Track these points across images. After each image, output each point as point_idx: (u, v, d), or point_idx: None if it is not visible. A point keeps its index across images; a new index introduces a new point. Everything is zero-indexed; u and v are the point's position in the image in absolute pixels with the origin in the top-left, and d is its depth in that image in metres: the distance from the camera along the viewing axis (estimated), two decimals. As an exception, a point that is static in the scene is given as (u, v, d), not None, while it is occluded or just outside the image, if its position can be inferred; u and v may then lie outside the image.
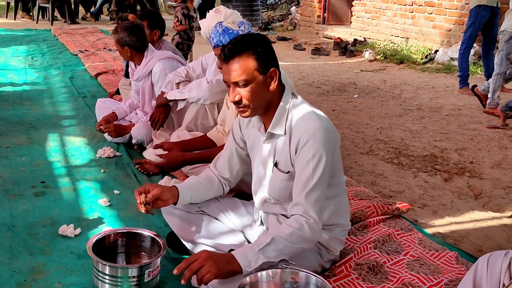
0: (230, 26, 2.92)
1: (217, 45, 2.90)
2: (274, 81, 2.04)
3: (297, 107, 2.12)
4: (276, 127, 2.12)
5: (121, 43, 3.86)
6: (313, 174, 2.02)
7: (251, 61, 1.97)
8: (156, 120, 3.66)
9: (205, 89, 3.45)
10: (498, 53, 5.48)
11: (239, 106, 2.05)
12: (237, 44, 1.98)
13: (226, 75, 2.02)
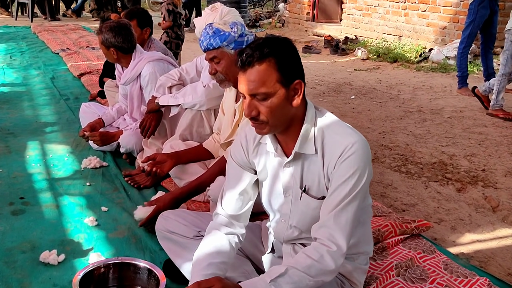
0: (221, 28, 2.62)
1: (207, 48, 2.61)
2: (298, 95, 1.74)
3: (326, 121, 1.83)
4: (304, 146, 1.81)
5: (106, 44, 3.54)
6: (350, 192, 1.74)
7: (273, 70, 1.67)
8: (147, 127, 3.35)
9: (201, 93, 3.16)
10: (503, 53, 5.25)
11: (256, 122, 1.76)
12: (257, 50, 1.67)
13: (242, 86, 1.71)
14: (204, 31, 2.64)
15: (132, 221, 2.76)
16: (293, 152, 1.82)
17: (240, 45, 2.60)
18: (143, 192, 3.19)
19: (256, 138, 1.95)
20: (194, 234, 2.22)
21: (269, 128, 1.76)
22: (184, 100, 3.21)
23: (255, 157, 1.97)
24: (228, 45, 2.59)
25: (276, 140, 1.88)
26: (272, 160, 1.94)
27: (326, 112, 1.87)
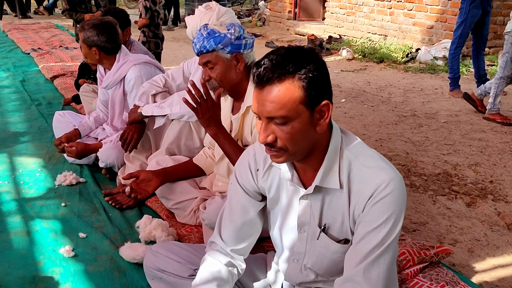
0: (217, 29, 2.32)
1: (201, 51, 2.31)
2: (325, 118, 1.44)
3: (354, 150, 1.53)
4: (327, 179, 1.52)
5: (88, 43, 3.19)
6: (382, 242, 1.44)
7: (296, 90, 1.36)
8: (128, 140, 3.01)
9: (191, 103, 2.82)
10: (503, 55, 5.03)
11: (272, 149, 1.45)
12: (279, 64, 1.37)
13: (257, 106, 1.41)
14: (198, 33, 2.33)
15: (114, 251, 2.43)
16: (313, 185, 1.53)
17: (237, 48, 2.32)
18: (126, 213, 2.86)
19: (267, 159, 1.66)
20: (189, 273, 1.91)
21: (287, 156, 1.46)
22: (171, 110, 2.88)
23: (266, 181, 1.68)
24: (223, 48, 2.29)
25: (292, 166, 1.59)
26: (286, 187, 1.65)
27: (355, 139, 1.57)
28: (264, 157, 1.66)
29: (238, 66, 2.36)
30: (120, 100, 3.35)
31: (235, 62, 2.35)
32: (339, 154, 1.51)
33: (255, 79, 1.40)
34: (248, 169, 1.70)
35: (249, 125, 2.42)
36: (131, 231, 2.66)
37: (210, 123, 2.27)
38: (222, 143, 2.32)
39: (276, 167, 1.64)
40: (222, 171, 2.58)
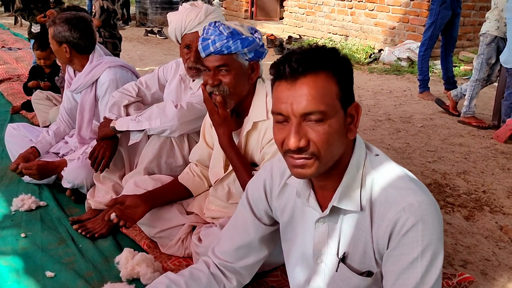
0: (240, 30, 2.02)
1: (220, 52, 1.98)
2: (354, 122, 1.30)
3: (379, 167, 1.32)
4: (345, 199, 1.32)
5: (58, 39, 2.82)
6: (423, 281, 1.21)
7: (333, 83, 1.24)
8: (100, 158, 2.62)
9: (173, 116, 2.49)
10: (478, 57, 4.93)
11: (301, 156, 1.24)
12: (311, 56, 1.24)
13: (289, 103, 1.23)
14: (213, 29, 2.00)
15: (91, 293, 2.07)
16: (330, 206, 1.34)
17: (258, 56, 2.06)
18: (100, 244, 2.48)
19: (284, 176, 1.49)
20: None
21: (318, 165, 1.26)
22: (150, 124, 2.52)
23: (280, 201, 1.51)
24: (246, 53, 2.01)
25: (309, 184, 1.40)
26: (301, 210, 1.45)
27: (381, 154, 1.38)
28: (281, 173, 1.49)
29: (252, 76, 2.09)
30: (91, 106, 2.97)
31: (250, 71, 2.07)
32: (361, 170, 1.32)
33: (286, 72, 1.23)
34: (262, 185, 1.54)
35: (257, 143, 2.12)
36: (107, 265, 2.30)
37: (225, 127, 2.10)
38: (235, 155, 2.11)
39: (292, 186, 1.45)
40: (221, 194, 2.26)
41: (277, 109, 1.25)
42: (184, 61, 2.63)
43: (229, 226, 1.64)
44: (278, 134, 1.27)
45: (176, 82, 2.85)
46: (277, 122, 1.28)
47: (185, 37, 2.59)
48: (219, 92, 2.05)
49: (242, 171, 2.09)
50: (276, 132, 1.28)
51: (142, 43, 9.50)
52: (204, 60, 2.06)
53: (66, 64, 3.04)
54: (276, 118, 1.28)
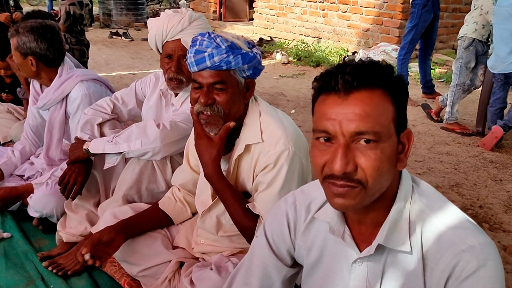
0: (239, 44, 1.78)
1: (218, 67, 1.74)
2: (405, 152, 1.14)
3: (430, 203, 1.18)
4: (392, 237, 1.15)
5: (23, 50, 2.52)
6: None
7: (389, 105, 1.08)
8: (70, 185, 2.32)
9: (155, 137, 2.22)
10: (456, 61, 4.82)
11: (346, 183, 1.07)
12: (366, 71, 1.07)
13: (338, 119, 1.06)
14: (210, 41, 1.75)
15: None
16: (375, 244, 1.15)
17: (256, 73, 1.85)
18: (74, 283, 2.20)
19: (310, 209, 1.31)
20: None
21: (364, 196, 1.08)
22: (130, 146, 2.24)
23: (306, 238, 1.32)
24: (244, 70, 1.79)
25: (343, 218, 1.22)
26: (332, 249, 1.27)
27: (429, 188, 1.22)
28: (307, 206, 1.32)
29: (247, 95, 1.86)
30: (60, 124, 2.68)
31: (245, 89, 1.84)
32: (409, 205, 1.17)
33: (338, 84, 1.05)
34: (284, 221, 1.34)
35: (249, 168, 1.88)
36: (84, 311, 2.02)
37: (215, 155, 1.85)
38: (222, 189, 1.85)
39: (323, 220, 1.27)
40: (209, 225, 2.01)
41: (322, 126, 1.07)
42: (165, 71, 2.39)
43: (243, 270, 1.41)
44: (319, 156, 1.09)
45: (155, 98, 2.58)
46: (319, 142, 1.10)
47: (166, 45, 2.35)
48: (212, 112, 1.81)
49: (234, 205, 1.84)
50: (317, 154, 1.10)
51: (108, 46, 9.11)
52: (195, 75, 1.80)
53: (30, 78, 2.73)
54: (318, 137, 1.10)
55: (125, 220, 2.07)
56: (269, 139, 1.82)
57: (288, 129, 1.86)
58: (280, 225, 1.34)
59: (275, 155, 1.78)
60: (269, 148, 1.80)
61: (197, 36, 1.85)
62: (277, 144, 1.80)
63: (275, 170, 1.79)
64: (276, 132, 1.83)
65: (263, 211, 1.79)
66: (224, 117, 1.81)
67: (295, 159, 1.80)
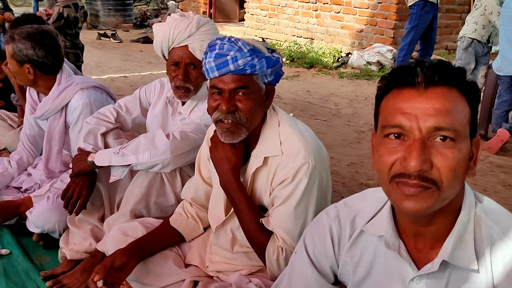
0: (259, 47, 1.69)
1: (242, 71, 1.64)
2: (474, 159, 1.07)
3: (495, 216, 1.11)
4: (457, 253, 1.07)
5: (19, 58, 2.39)
6: None
7: (466, 105, 1.03)
8: (75, 199, 2.19)
9: (165, 149, 2.10)
10: (455, 62, 4.77)
11: (419, 183, 0.99)
12: (445, 69, 1.02)
13: (413, 112, 1.00)
14: (231, 44, 1.65)
15: None
16: (439, 260, 1.06)
17: (277, 80, 1.76)
18: (80, 305, 2.06)
19: (355, 223, 1.24)
20: None
21: (436, 198, 1.00)
22: (138, 158, 2.12)
23: (352, 254, 1.24)
24: (267, 76, 1.70)
25: (397, 232, 1.14)
26: (384, 265, 1.18)
27: (491, 202, 1.15)
28: (352, 219, 1.24)
29: (267, 102, 1.76)
30: (60, 134, 2.54)
31: (265, 97, 1.74)
32: (473, 220, 1.09)
33: (417, 78, 1.00)
34: (328, 235, 1.26)
35: (266, 182, 1.77)
36: (93, 336, 1.89)
37: (234, 164, 1.77)
38: (239, 199, 1.75)
39: (373, 234, 1.19)
40: (224, 241, 1.89)
41: (396, 121, 1.01)
42: (171, 79, 2.27)
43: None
44: (387, 154, 1.02)
45: (161, 105, 2.46)
46: (388, 139, 1.03)
47: (173, 52, 2.24)
48: (234, 120, 1.70)
49: (249, 217, 1.74)
50: (385, 152, 1.02)
51: (97, 48, 8.94)
52: (215, 81, 1.69)
53: (28, 86, 2.59)
54: (387, 133, 1.03)
55: (137, 242, 1.94)
56: (288, 151, 1.72)
57: (308, 141, 1.76)
58: (322, 240, 1.26)
59: (294, 169, 1.68)
60: (288, 162, 1.70)
61: (214, 40, 1.75)
62: (297, 158, 1.69)
63: (293, 185, 1.69)
64: (296, 145, 1.73)
65: (277, 227, 1.69)
66: (247, 125, 1.71)
67: (315, 174, 1.70)
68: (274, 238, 1.69)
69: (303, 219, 1.70)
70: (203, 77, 2.32)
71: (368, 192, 1.28)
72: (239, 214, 1.77)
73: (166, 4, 13.29)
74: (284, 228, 1.68)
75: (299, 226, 1.69)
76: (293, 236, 1.68)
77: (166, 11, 12.82)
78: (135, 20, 11.95)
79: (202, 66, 1.78)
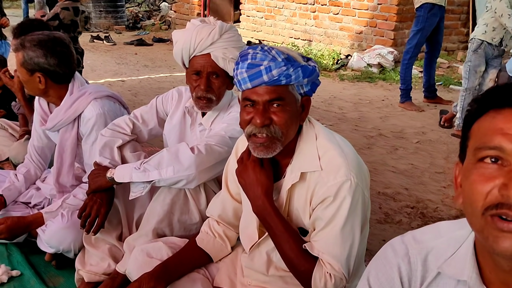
0: (294, 56, 1.58)
1: (277, 81, 1.53)
2: None
3: None
4: None
5: (29, 66, 2.25)
6: None
7: None
8: (93, 217, 2.06)
9: (190, 164, 1.97)
10: (465, 64, 4.68)
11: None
12: None
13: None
14: (264, 53, 1.54)
15: None
16: None
17: (313, 91, 1.65)
18: (102, 333, 1.93)
19: (428, 262, 1.08)
20: None
21: None
22: (161, 174, 1.98)
23: None
24: (303, 86, 1.60)
25: (481, 279, 0.98)
26: None
27: None
28: (423, 259, 1.08)
29: (303, 115, 1.64)
30: (73, 147, 2.40)
31: (300, 109, 1.62)
32: None
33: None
34: (396, 275, 1.10)
35: (304, 201, 1.64)
36: None
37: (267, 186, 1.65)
38: (275, 224, 1.61)
39: (452, 277, 1.03)
40: (259, 263, 1.77)
41: (494, 141, 0.88)
42: (192, 89, 2.15)
43: None
44: (482, 181, 0.88)
45: (179, 116, 2.33)
46: (484, 164, 0.89)
47: (194, 60, 2.12)
48: (269, 134, 1.58)
49: (289, 243, 1.61)
50: (479, 179, 0.88)
51: (90, 51, 8.75)
52: (247, 92, 1.58)
53: (38, 96, 2.44)
54: (483, 157, 0.90)
55: (163, 265, 1.82)
56: (328, 167, 1.60)
57: (349, 156, 1.65)
58: (390, 281, 1.10)
59: (336, 186, 1.56)
60: (328, 178, 1.58)
61: (246, 49, 1.64)
62: (337, 174, 1.57)
63: (336, 205, 1.56)
64: (336, 160, 1.61)
65: (323, 252, 1.56)
66: (282, 139, 1.59)
67: (358, 191, 1.58)
68: (320, 264, 1.56)
69: (350, 241, 1.58)
70: (225, 87, 2.20)
71: (442, 227, 1.13)
72: (277, 240, 1.64)
73: (158, 5, 13.12)
74: (330, 253, 1.56)
75: (347, 249, 1.57)
76: (341, 261, 1.56)
77: (158, 12, 12.66)
78: (127, 22, 11.76)
79: (234, 77, 1.67)
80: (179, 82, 6.72)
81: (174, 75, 7.09)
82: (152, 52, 8.97)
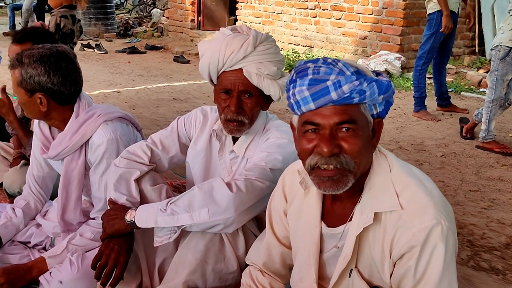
0: (364, 69, 1.30)
1: (348, 100, 1.24)
2: None
3: None
4: None
5: (29, 86, 1.91)
6: None
7: None
8: (110, 267, 1.71)
9: (228, 204, 1.63)
10: (491, 74, 4.37)
11: None
12: None
13: None
14: (328, 66, 1.26)
15: None
16: None
17: (387, 110, 1.35)
18: None
19: None
20: None
21: None
22: (193, 218, 1.64)
23: None
24: (376, 106, 1.31)
25: None
26: None
27: None
28: None
29: (374, 141, 1.34)
30: (80, 178, 2.05)
31: (371, 133, 1.32)
32: None
33: None
34: None
35: (381, 248, 1.32)
36: None
37: None
38: None
39: None
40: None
41: None
42: (221, 110, 1.83)
43: None
44: None
45: (205, 140, 2.00)
46: None
47: (223, 76, 1.80)
48: (338, 166, 1.26)
49: None
50: None
51: (81, 60, 8.33)
52: (309, 114, 1.28)
53: (38, 119, 2.08)
54: None
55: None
56: (411, 207, 1.29)
57: (434, 194, 1.33)
58: None
59: (424, 232, 1.24)
60: (413, 221, 1.26)
61: (304, 63, 1.32)
62: (424, 216, 1.26)
63: (427, 255, 1.25)
64: (420, 198, 1.29)
65: None
66: (354, 170, 1.28)
67: (450, 238, 1.27)
68: None
69: None
70: (259, 108, 1.88)
71: None
72: None
73: (149, 12, 12.75)
74: None
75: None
76: None
77: (149, 19, 12.28)
78: (118, 29, 11.36)
79: (288, 99, 1.35)
80: (178, 93, 6.37)
81: (172, 85, 6.73)
82: (145, 60, 8.60)
